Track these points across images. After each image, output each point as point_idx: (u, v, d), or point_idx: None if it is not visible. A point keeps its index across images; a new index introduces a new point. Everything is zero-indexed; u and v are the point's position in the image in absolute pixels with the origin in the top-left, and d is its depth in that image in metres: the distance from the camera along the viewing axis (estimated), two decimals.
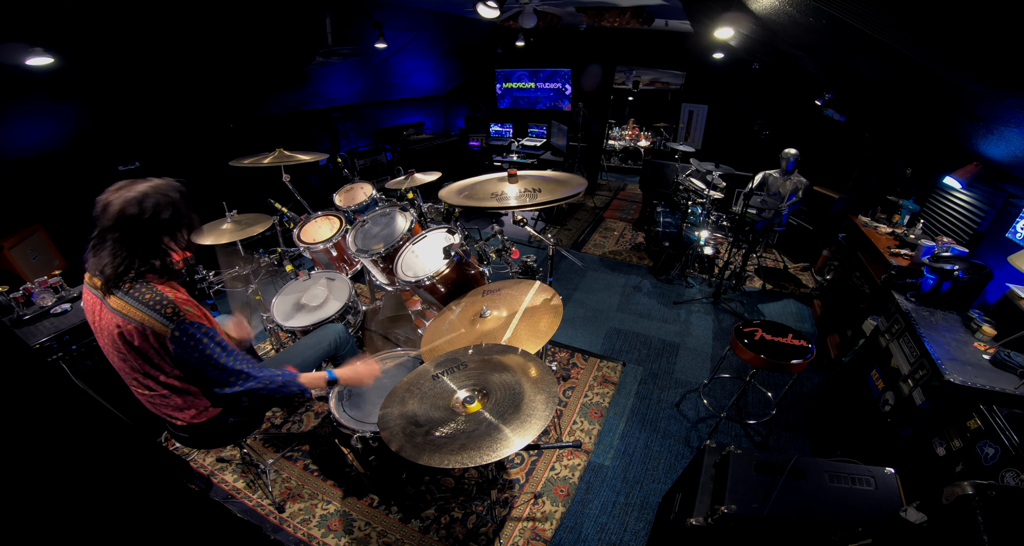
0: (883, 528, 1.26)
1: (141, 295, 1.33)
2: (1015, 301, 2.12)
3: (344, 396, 1.98)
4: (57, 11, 2.37)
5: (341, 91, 5.59)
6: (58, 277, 2.37)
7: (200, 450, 2.43)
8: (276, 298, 2.53)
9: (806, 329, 3.81)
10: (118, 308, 1.34)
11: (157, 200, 1.32)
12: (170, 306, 1.34)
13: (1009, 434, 1.55)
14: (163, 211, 1.33)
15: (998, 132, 2.24)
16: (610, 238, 5.54)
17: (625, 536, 2.12)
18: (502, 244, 2.40)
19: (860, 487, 1.44)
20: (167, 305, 1.33)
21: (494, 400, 1.41)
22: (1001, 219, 2.60)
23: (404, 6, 4.41)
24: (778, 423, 2.76)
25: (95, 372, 2.23)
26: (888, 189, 3.67)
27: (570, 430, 2.67)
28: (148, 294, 1.33)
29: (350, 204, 3.05)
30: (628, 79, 7.61)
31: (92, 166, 3.50)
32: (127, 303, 1.33)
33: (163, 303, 1.33)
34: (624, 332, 3.64)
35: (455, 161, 7.26)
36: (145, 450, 2.05)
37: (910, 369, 2.06)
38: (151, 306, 1.33)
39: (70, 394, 1.96)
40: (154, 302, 1.33)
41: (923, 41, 1.53)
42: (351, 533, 2.09)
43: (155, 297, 1.33)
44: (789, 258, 4.96)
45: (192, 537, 1.71)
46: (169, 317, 1.33)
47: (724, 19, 2.84)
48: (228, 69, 3.80)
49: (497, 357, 1.59)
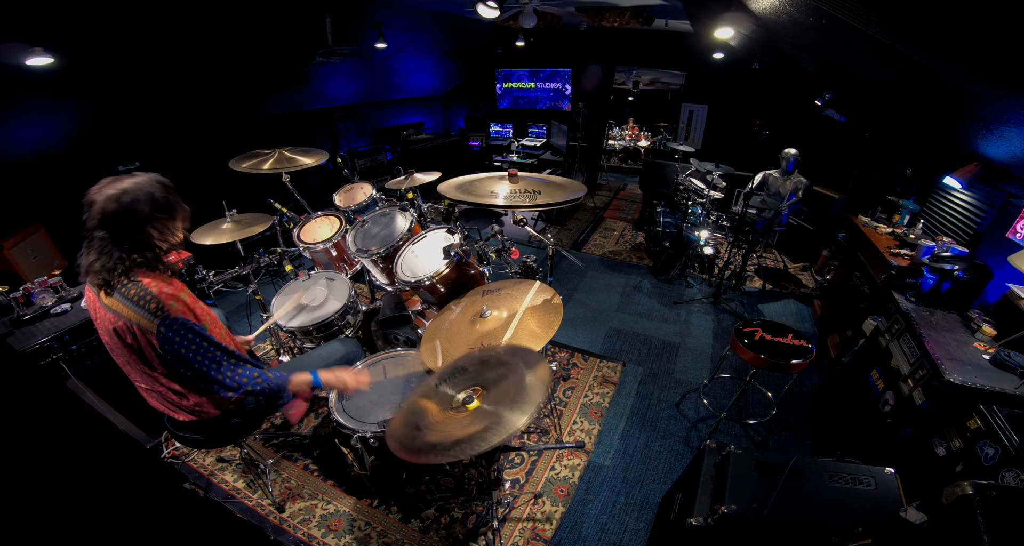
0: (883, 528, 1.26)
1: (127, 291, 1.33)
2: (1015, 301, 2.12)
3: (344, 396, 1.98)
4: (57, 11, 2.37)
5: (341, 91, 5.59)
6: (58, 277, 2.37)
7: (200, 450, 2.43)
8: (276, 298, 2.53)
9: (806, 329, 3.81)
10: (109, 305, 1.34)
11: (135, 194, 1.32)
12: (153, 301, 1.32)
13: (1009, 434, 1.55)
14: (143, 204, 1.33)
15: (998, 132, 2.24)
16: (610, 238, 5.54)
17: (625, 536, 2.12)
18: (502, 244, 2.40)
19: (860, 487, 1.44)
20: (150, 300, 1.32)
21: (492, 393, 1.40)
22: (1001, 219, 2.60)
23: (404, 6, 4.41)
24: (778, 423, 2.76)
25: (95, 372, 2.23)
26: (888, 189, 3.67)
27: (570, 430, 2.67)
28: (133, 289, 1.33)
29: (350, 204, 3.05)
30: (628, 79, 7.62)
31: (92, 166, 3.50)
32: (117, 300, 1.33)
33: (146, 298, 1.32)
34: (624, 332, 3.64)
35: (455, 161, 7.26)
36: (144, 450, 2.05)
37: (910, 369, 2.06)
38: (136, 302, 1.32)
39: (62, 397, 1.96)
40: (138, 298, 1.32)
41: (923, 41, 1.53)
42: (351, 533, 2.09)
43: (139, 292, 1.32)
44: (789, 258, 4.96)
45: (192, 537, 1.71)
46: (153, 312, 1.32)
47: (724, 19, 2.84)
48: (228, 69, 3.80)
49: (490, 352, 1.57)
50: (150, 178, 1.39)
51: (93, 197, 1.31)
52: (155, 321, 1.32)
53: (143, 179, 1.37)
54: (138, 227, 1.34)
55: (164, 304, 1.33)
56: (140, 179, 1.37)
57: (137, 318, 1.32)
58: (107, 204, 1.29)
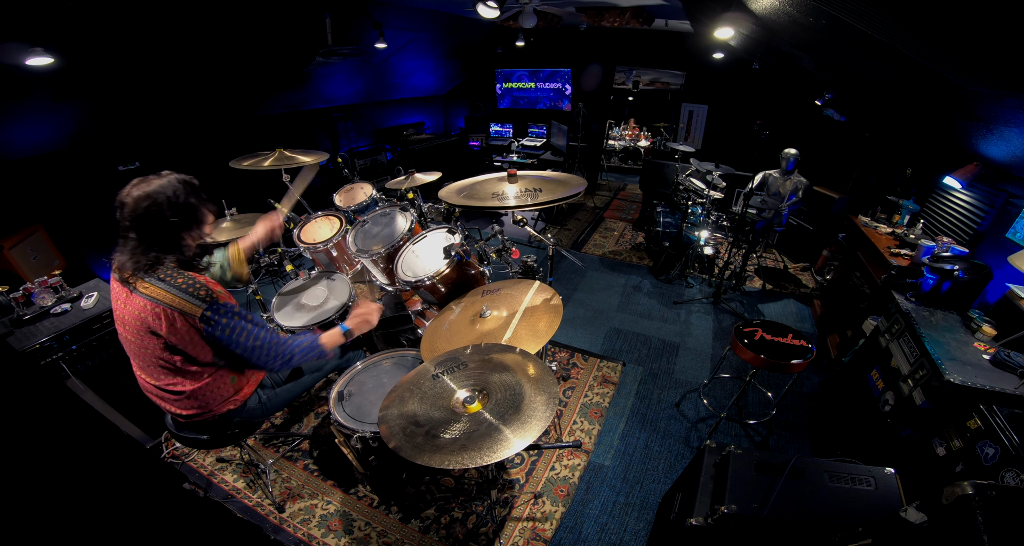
0: (883, 528, 1.26)
1: (174, 280, 1.40)
2: (1015, 301, 2.12)
3: (344, 396, 1.98)
4: (57, 11, 2.37)
5: (341, 91, 5.59)
6: (58, 277, 2.37)
7: (200, 450, 2.43)
8: (276, 298, 2.53)
9: (806, 329, 3.81)
10: (149, 293, 1.39)
11: (163, 196, 1.38)
12: (203, 288, 1.42)
13: (1009, 434, 1.55)
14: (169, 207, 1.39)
15: (998, 132, 2.24)
16: (610, 238, 5.54)
17: (625, 536, 2.12)
18: (502, 244, 2.40)
19: (860, 487, 1.44)
20: (200, 288, 1.41)
21: (494, 400, 1.40)
22: (1001, 219, 2.60)
23: (404, 6, 4.41)
24: (778, 423, 2.76)
25: (95, 372, 2.23)
26: (888, 189, 3.67)
27: (570, 430, 2.67)
28: (180, 279, 1.41)
29: (350, 204, 3.04)
30: (628, 79, 7.61)
31: (92, 166, 3.50)
32: (159, 288, 1.39)
33: (197, 286, 1.41)
34: (624, 332, 3.64)
35: (455, 161, 7.26)
36: (144, 450, 2.05)
37: (910, 369, 2.06)
38: (184, 289, 1.39)
39: (62, 398, 1.96)
40: (187, 285, 1.40)
41: (923, 41, 1.53)
42: (351, 533, 2.09)
43: (188, 281, 1.41)
44: (789, 258, 4.96)
45: (192, 537, 1.71)
46: (203, 299, 1.41)
47: (724, 19, 2.84)
48: (228, 69, 3.80)
49: (497, 357, 1.58)
50: (181, 178, 1.45)
51: (123, 199, 1.37)
52: (202, 306, 1.41)
53: (168, 180, 1.42)
54: (167, 229, 1.41)
55: (213, 291, 1.44)
56: (166, 180, 1.42)
57: (182, 304, 1.39)
58: (139, 203, 1.36)
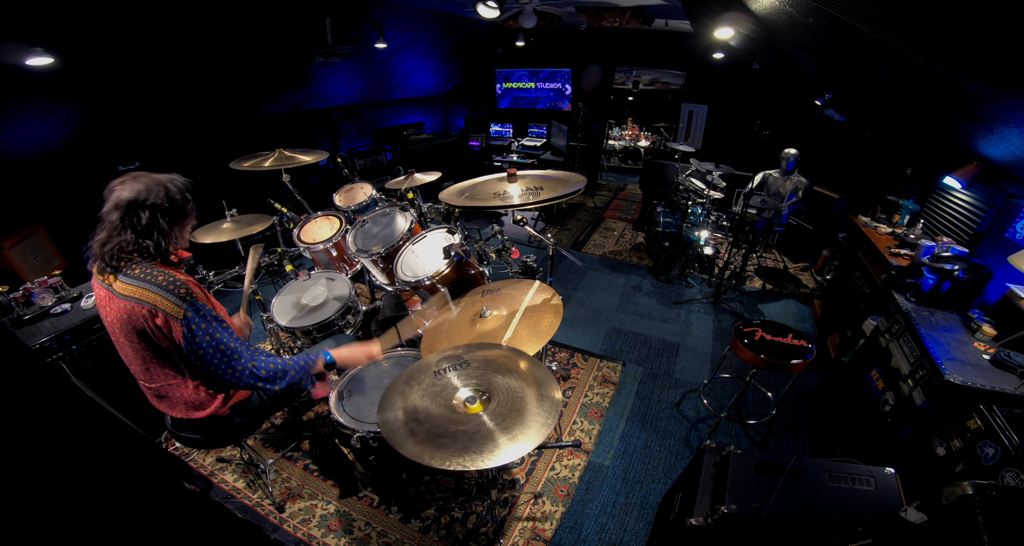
0: (883, 528, 1.26)
1: (153, 277, 1.34)
2: (1015, 301, 2.12)
3: (344, 396, 1.98)
4: (57, 11, 2.37)
5: (341, 91, 5.59)
6: (58, 277, 2.37)
7: (200, 450, 2.43)
8: (276, 298, 2.53)
9: (806, 329, 3.81)
10: (128, 293, 1.33)
11: (151, 187, 1.35)
12: (183, 287, 1.35)
13: (1009, 434, 1.55)
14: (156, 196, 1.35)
15: (998, 132, 2.24)
16: (610, 238, 5.54)
17: (625, 536, 2.12)
18: (502, 244, 2.40)
19: (860, 487, 1.44)
20: (180, 286, 1.34)
21: (496, 403, 1.40)
22: (1001, 219, 2.60)
23: (404, 6, 4.41)
24: (778, 423, 2.76)
25: (95, 372, 2.23)
26: (888, 189, 3.67)
27: (570, 430, 2.67)
28: (160, 276, 1.34)
29: (350, 204, 3.05)
30: (628, 79, 7.61)
31: (92, 166, 3.50)
32: (138, 286, 1.33)
33: (176, 284, 1.34)
34: (624, 332, 3.64)
35: (455, 161, 7.26)
36: (144, 450, 2.04)
37: (910, 369, 2.06)
38: (164, 287, 1.33)
39: (67, 395, 1.95)
40: (167, 283, 1.34)
41: (923, 41, 1.53)
42: (351, 533, 2.09)
43: (168, 278, 1.34)
44: (789, 258, 4.96)
45: (192, 537, 1.71)
46: (183, 297, 1.34)
47: (724, 19, 2.84)
48: (228, 69, 3.80)
49: (500, 359, 1.58)
50: (170, 176, 1.42)
51: (112, 187, 1.35)
52: (184, 306, 1.34)
53: (162, 176, 1.40)
54: (150, 216, 1.35)
55: (192, 291, 1.36)
56: (159, 175, 1.39)
57: (164, 303, 1.32)
58: (122, 192, 1.33)
